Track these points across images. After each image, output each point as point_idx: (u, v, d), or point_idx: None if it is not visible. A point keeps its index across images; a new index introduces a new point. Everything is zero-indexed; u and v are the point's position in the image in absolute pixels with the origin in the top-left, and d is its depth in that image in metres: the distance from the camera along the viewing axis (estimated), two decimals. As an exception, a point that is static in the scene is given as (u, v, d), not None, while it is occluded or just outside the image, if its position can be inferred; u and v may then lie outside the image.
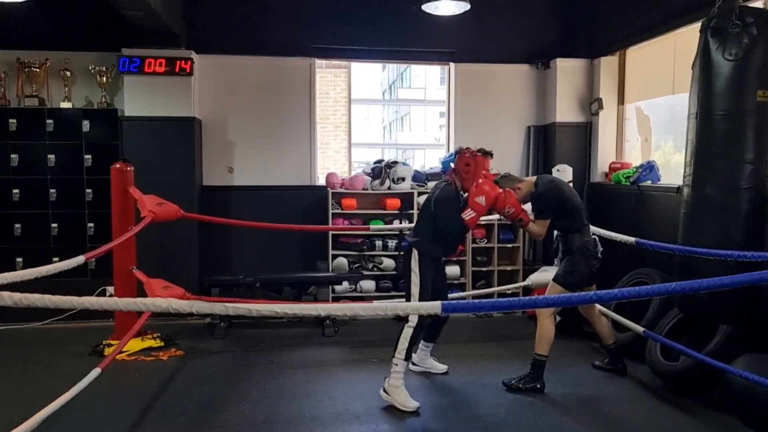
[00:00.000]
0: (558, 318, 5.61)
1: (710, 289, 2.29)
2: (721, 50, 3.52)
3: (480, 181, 4.07)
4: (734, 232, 3.55)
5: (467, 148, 4.20)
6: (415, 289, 4.15)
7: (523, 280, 6.14)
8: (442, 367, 4.64)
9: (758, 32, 3.46)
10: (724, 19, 3.52)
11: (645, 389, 4.30)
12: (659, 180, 5.49)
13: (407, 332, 4.02)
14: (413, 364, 4.57)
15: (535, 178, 4.53)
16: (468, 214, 4.05)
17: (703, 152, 3.64)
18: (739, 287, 2.29)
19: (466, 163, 4.10)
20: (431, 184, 6.60)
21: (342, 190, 6.49)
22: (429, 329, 4.51)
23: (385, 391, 4.01)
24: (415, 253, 4.18)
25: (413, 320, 4.03)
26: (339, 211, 6.46)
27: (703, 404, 3.95)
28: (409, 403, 3.90)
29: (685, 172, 3.79)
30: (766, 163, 3.55)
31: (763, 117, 3.51)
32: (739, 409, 3.71)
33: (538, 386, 4.22)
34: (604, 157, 6.46)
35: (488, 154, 4.21)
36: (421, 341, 4.55)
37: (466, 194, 4.13)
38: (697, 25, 3.81)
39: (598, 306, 4.65)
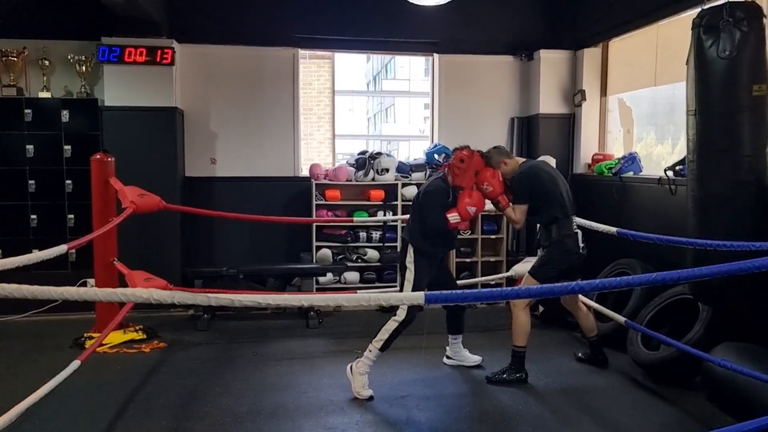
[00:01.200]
0: (540, 308, 5.66)
1: (690, 279, 2.31)
2: (714, 48, 3.52)
3: (475, 192, 3.99)
4: (741, 225, 3.57)
5: (467, 146, 4.08)
6: (408, 285, 4.09)
7: (507, 270, 6.17)
8: (476, 359, 4.56)
9: (749, 27, 3.47)
10: (715, 16, 3.53)
11: (626, 378, 4.35)
12: (641, 171, 5.54)
13: (391, 325, 3.99)
14: (447, 357, 4.59)
15: (524, 160, 4.46)
16: (453, 218, 3.95)
17: (703, 149, 3.66)
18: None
19: (461, 159, 3.98)
20: (416, 175, 6.61)
21: (326, 182, 6.47)
22: (449, 321, 4.50)
23: (350, 370, 4.07)
24: (410, 248, 4.12)
25: (400, 315, 3.97)
26: (323, 202, 6.44)
27: (684, 392, 4.00)
28: (364, 392, 3.96)
29: (688, 168, 3.82)
30: (764, 155, 3.58)
31: (760, 111, 3.54)
32: (719, 397, 3.77)
33: (521, 376, 4.22)
34: (587, 148, 6.50)
35: (483, 154, 4.12)
36: (449, 336, 4.55)
37: (458, 191, 4.03)
38: (679, 17, 3.82)
39: (581, 298, 4.63)
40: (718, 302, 3.89)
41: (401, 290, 4.15)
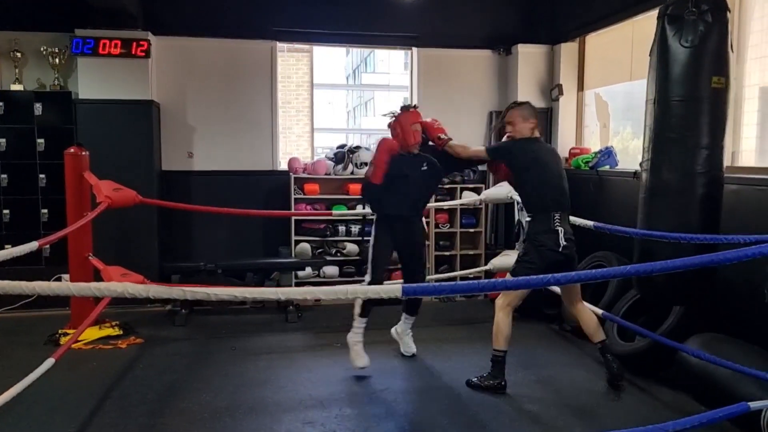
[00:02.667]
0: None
1: (664, 272, 2.34)
2: (677, 37, 3.58)
3: (383, 139, 4.27)
4: (691, 216, 3.63)
5: (390, 113, 4.37)
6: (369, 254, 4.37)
7: (485, 264, 6.21)
8: (411, 349, 4.66)
9: (713, 19, 3.53)
10: (680, 7, 3.59)
11: (602, 369, 4.39)
12: (617, 165, 5.60)
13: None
14: (395, 331, 4.71)
15: (536, 137, 4.20)
16: (368, 171, 4.30)
17: (660, 138, 3.72)
18: (692, 269, 2.34)
19: (393, 128, 4.31)
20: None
21: (304, 176, 6.44)
22: (407, 301, 4.57)
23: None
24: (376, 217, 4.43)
25: (366, 279, 4.33)
26: (301, 196, 6.42)
27: (658, 383, 4.07)
28: (357, 362, 4.14)
29: (643, 157, 3.87)
30: (720, 148, 3.64)
31: (718, 103, 3.60)
32: (692, 387, 3.84)
33: (498, 384, 3.97)
34: (564, 142, 6.55)
35: (407, 108, 4.34)
36: (403, 314, 4.66)
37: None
38: (654, 13, 3.86)
39: (584, 303, 4.31)
40: (659, 296, 3.94)
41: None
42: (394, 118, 4.32)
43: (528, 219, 4.10)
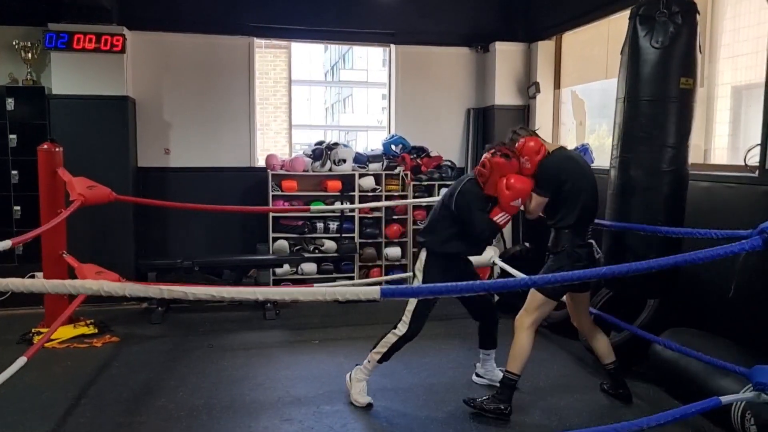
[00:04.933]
0: (496, 297, 5.72)
1: (638, 272, 2.38)
2: (648, 38, 3.65)
3: (512, 180, 3.53)
4: (657, 213, 3.71)
5: (495, 148, 3.67)
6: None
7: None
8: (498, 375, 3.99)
9: (683, 21, 3.60)
10: (652, 8, 3.66)
11: (578, 364, 4.47)
12: (593, 162, 5.65)
13: (390, 338, 3.71)
14: (477, 375, 4.15)
15: (557, 147, 3.72)
16: (501, 218, 3.59)
17: (629, 136, 3.78)
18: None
19: (482, 164, 3.64)
20: (373, 166, 6.62)
21: (282, 172, 6.42)
22: (480, 335, 4.08)
23: (349, 378, 3.87)
24: (422, 255, 3.78)
25: (401, 330, 3.69)
26: (279, 193, 6.39)
27: (632, 377, 4.11)
28: (362, 399, 3.74)
29: (612, 154, 3.93)
30: (686, 147, 3.72)
31: (685, 103, 3.67)
32: (665, 381, 3.92)
33: (504, 410, 3.55)
34: (542, 139, 6.60)
35: (508, 156, 3.57)
36: (481, 351, 4.12)
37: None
38: (628, 12, 3.92)
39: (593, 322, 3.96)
40: (627, 289, 4.02)
41: (407, 303, 3.73)
42: (491, 157, 3.59)
43: (564, 230, 3.57)
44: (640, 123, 3.72)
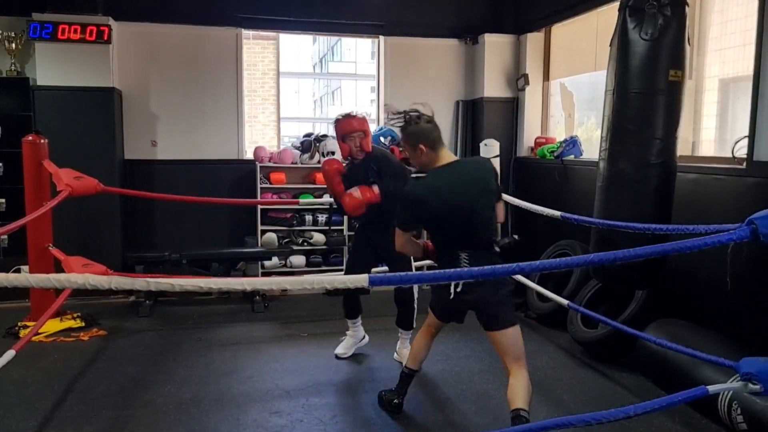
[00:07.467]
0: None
1: (625, 260, 2.38)
2: (637, 30, 3.65)
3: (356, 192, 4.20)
4: (645, 205, 3.73)
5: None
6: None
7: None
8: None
9: (672, 13, 3.61)
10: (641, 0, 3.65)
11: (566, 356, 4.49)
12: (582, 155, 5.68)
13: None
14: (398, 354, 4.35)
15: (452, 159, 3.35)
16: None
17: (618, 128, 3.79)
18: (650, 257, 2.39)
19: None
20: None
21: (271, 164, 6.38)
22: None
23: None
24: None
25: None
26: (268, 185, 6.36)
27: (620, 368, 4.16)
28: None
29: (600, 147, 3.94)
30: (674, 139, 3.73)
31: (674, 96, 3.68)
32: (652, 372, 3.94)
33: (395, 402, 3.53)
34: (530, 132, 6.62)
35: (345, 117, 4.32)
36: (399, 330, 4.35)
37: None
38: (617, 5, 3.92)
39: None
40: (615, 280, 4.05)
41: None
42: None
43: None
44: (628, 115, 3.73)
